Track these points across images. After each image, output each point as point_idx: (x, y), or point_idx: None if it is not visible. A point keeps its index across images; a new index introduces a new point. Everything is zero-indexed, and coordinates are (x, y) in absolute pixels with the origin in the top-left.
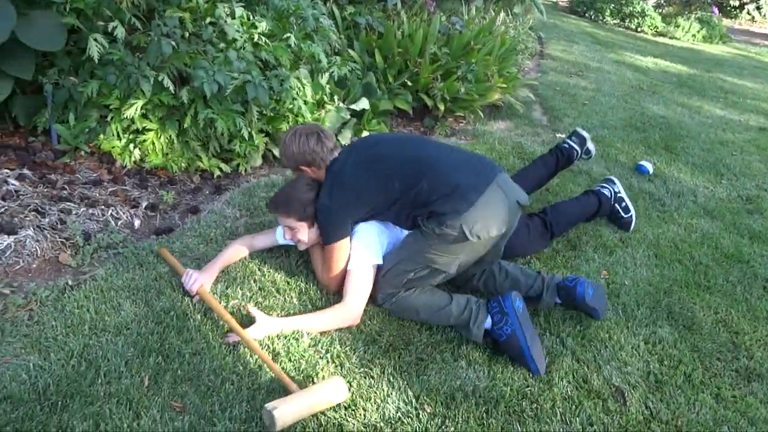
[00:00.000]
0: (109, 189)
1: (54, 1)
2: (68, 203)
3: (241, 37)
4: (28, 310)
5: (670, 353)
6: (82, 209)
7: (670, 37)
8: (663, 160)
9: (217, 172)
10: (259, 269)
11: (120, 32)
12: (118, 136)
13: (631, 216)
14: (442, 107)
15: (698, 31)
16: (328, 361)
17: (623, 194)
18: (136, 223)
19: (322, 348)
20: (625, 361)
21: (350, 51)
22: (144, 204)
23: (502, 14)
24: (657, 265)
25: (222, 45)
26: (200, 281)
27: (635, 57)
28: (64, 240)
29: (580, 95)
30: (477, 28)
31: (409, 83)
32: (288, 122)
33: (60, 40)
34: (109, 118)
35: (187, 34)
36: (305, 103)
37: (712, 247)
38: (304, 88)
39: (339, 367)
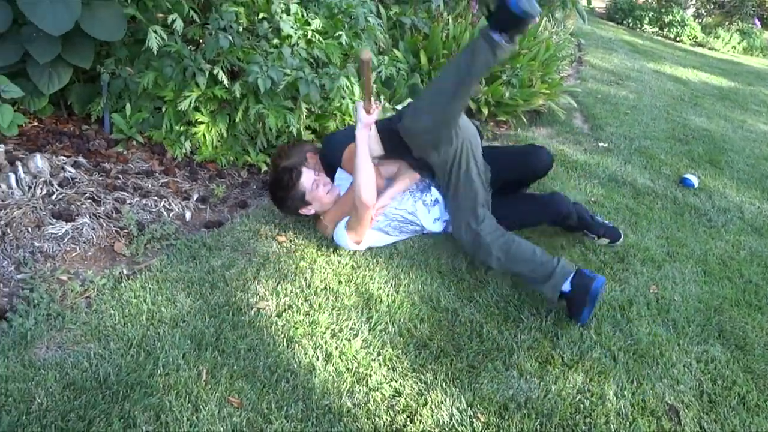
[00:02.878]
0: (160, 180)
1: None
2: (122, 192)
3: (295, 33)
4: (86, 298)
5: (723, 373)
6: (135, 199)
7: (709, 48)
8: (708, 174)
9: (264, 168)
10: (309, 267)
11: (179, 25)
12: (171, 127)
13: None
14: (485, 111)
15: (738, 43)
16: (380, 364)
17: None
18: (188, 215)
19: (374, 350)
20: (677, 378)
21: (395, 51)
22: (195, 196)
23: (544, 19)
24: (706, 282)
25: (276, 41)
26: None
27: (675, 67)
28: (118, 229)
29: (621, 104)
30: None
31: None
32: (335, 121)
33: (120, 31)
34: (163, 110)
35: (241, 29)
36: (353, 101)
37: (761, 266)
38: (352, 86)
39: (392, 371)
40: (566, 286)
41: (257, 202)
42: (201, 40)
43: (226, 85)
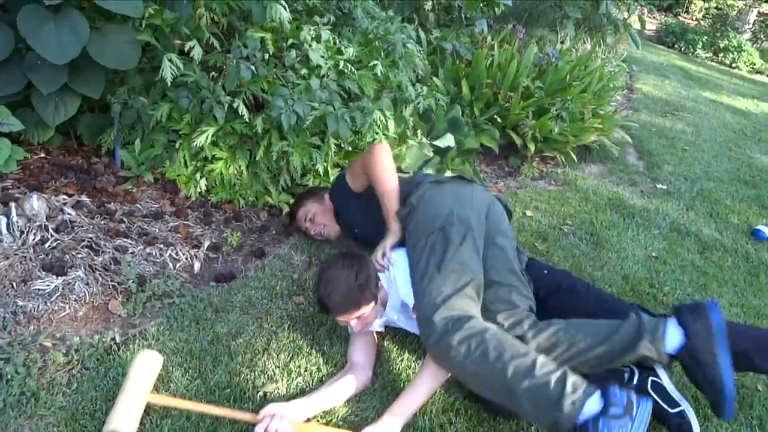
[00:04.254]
0: (170, 224)
1: (129, 17)
2: (125, 239)
3: (326, 63)
4: (67, 372)
5: None
6: (139, 247)
7: None
8: None
9: (287, 209)
10: (328, 337)
11: (197, 53)
12: (185, 164)
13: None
14: (532, 147)
15: None
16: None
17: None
18: (196, 266)
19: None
20: None
21: (435, 79)
22: (206, 244)
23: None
24: None
25: (304, 71)
26: (288, 424)
27: (733, 97)
28: (116, 284)
29: (679, 139)
30: (573, 61)
31: (498, 119)
32: None
33: (133, 59)
34: (177, 145)
35: (266, 56)
36: (386, 137)
37: None
38: (387, 121)
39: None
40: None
41: (275, 251)
42: (224, 67)
43: (247, 120)
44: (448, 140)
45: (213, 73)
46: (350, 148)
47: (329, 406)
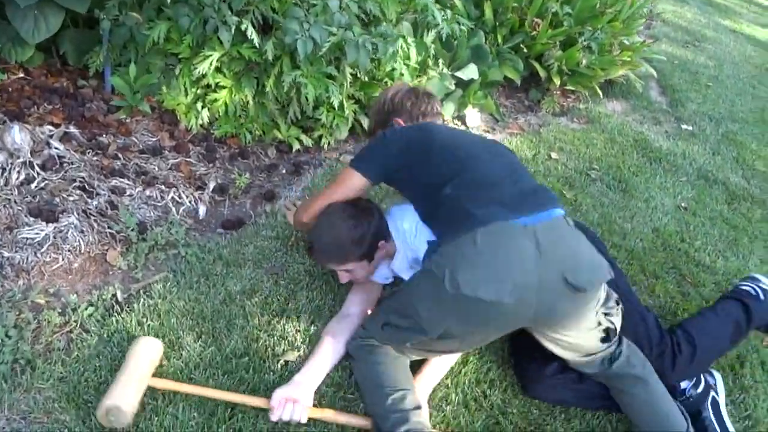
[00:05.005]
0: (170, 161)
1: None
2: (121, 179)
3: None
4: (65, 334)
5: None
6: (137, 189)
7: None
8: None
9: (297, 145)
10: None
11: None
12: (185, 91)
13: None
14: (557, 81)
15: None
16: None
17: None
18: (201, 210)
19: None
20: None
21: (455, 0)
22: (212, 185)
23: None
24: None
25: None
26: (303, 409)
27: (753, 27)
28: (114, 232)
29: (702, 73)
30: None
31: (523, 48)
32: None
33: None
34: (177, 71)
35: None
36: (407, 66)
37: None
38: (408, 49)
39: None
40: None
41: (287, 193)
42: None
43: (257, 44)
44: (471, 71)
45: None
46: (366, 79)
47: (330, 369)
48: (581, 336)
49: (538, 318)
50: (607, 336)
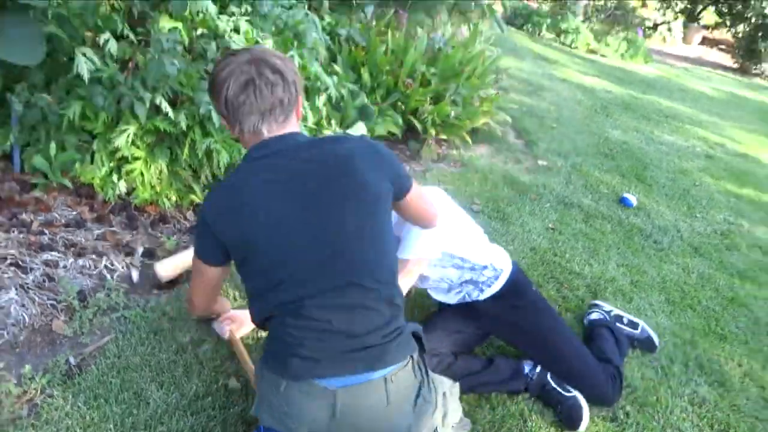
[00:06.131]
0: (95, 231)
1: (30, 5)
2: (51, 252)
3: None
4: (27, 403)
5: (716, 416)
6: (70, 260)
7: (600, 55)
8: (639, 191)
9: None
10: None
11: (113, 46)
12: (101, 165)
13: (643, 328)
14: (433, 132)
15: (626, 50)
16: None
17: (615, 310)
18: (134, 275)
19: None
20: (679, 427)
21: (334, 66)
22: (140, 250)
23: (465, 28)
24: (672, 312)
25: None
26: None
27: (579, 76)
28: (54, 303)
29: (546, 117)
30: (460, 47)
31: (400, 105)
32: None
33: (39, 53)
34: (94, 146)
35: (179, 48)
36: (306, 127)
37: (712, 290)
38: (306, 110)
39: None
40: None
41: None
42: (130, 61)
43: (171, 117)
44: (360, 128)
45: (127, 65)
46: None
47: None
48: None
49: None
50: None
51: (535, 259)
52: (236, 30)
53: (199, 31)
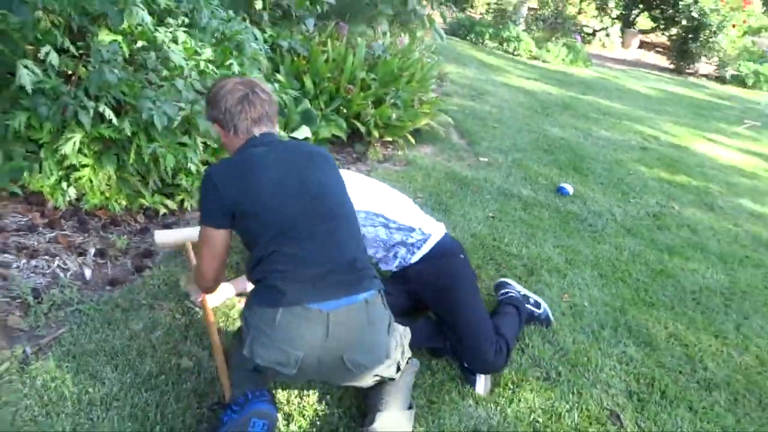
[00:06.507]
0: (47, 235)
1: None
2: (4, 254)
3: (187, 64)
4: None
5: (643, 372)
6: (23, 261)
7: (543, 61)
8: (576, 180)
9: (163, 210)
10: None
11: (54, 59)
12: (49, 173)
13: (545, 309)
14: (376, 133)
15: (566, 56)
16: (340, 417)
17: (524, 290)
18: (87, 273)
19: (333, 401)
20: (608, 383)
21: (277, 75)
22: (92, 251)
23: (407, 37)
24: (605, 285)
25: (165, 73)
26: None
27: (520, 80)
28: (9, 299)
29: (488, 118)
30: (398, 54)
31: (343, 109)
32: None
33: None
34: (41, 154)
35: (119, 59)
36: None
37: (642, 264)
38: None
39: (352, 420)
40: None
41: (164, 250)
42: (72, 74)
43: (115, 123)
44: (304, 132)
45: (70, 78)
46: (217, 145)
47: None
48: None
49: (322, 378)
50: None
51: (475, 243)
52: (175, 41)
53: (139, 43)
